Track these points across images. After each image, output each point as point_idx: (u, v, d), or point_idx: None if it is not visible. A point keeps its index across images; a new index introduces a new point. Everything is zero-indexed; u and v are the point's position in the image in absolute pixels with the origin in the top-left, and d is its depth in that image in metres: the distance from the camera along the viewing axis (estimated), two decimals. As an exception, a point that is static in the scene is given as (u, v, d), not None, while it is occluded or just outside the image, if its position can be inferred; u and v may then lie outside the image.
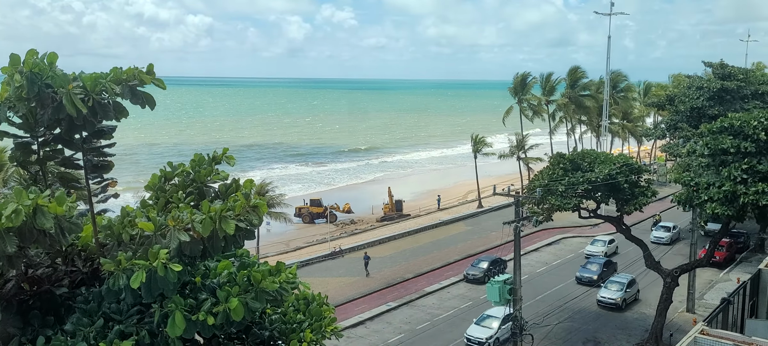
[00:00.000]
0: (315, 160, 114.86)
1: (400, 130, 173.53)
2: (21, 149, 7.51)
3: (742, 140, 26.83)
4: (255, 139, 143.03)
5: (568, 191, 31.29)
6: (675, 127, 48.60)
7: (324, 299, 9.10)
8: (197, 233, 6.50)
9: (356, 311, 39.44)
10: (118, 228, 7.29)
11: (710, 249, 32.67)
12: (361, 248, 54.31)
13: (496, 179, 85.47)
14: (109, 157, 8.02)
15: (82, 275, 7.50)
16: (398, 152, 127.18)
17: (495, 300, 30.56)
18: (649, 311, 37.21)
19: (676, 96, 49.61)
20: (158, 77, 7.05)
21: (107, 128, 7.46)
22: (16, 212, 5.60)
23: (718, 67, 47.32)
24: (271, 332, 8.06)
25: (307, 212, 66.22)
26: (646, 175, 34.90)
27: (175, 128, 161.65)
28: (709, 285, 43.06)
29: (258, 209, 6.81)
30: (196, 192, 8.02)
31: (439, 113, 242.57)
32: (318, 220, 66.91)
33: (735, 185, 26.20)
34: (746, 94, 46.24)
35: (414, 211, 70.19)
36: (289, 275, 7.27)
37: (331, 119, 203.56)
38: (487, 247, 52.52)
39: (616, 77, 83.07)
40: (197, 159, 8.12)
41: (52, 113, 6.56)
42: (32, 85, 6.37)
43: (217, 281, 7.16)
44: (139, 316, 6.96)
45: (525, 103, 78.89)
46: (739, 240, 50.55)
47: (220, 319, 6.52)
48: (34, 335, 6.83)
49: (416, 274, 47.14)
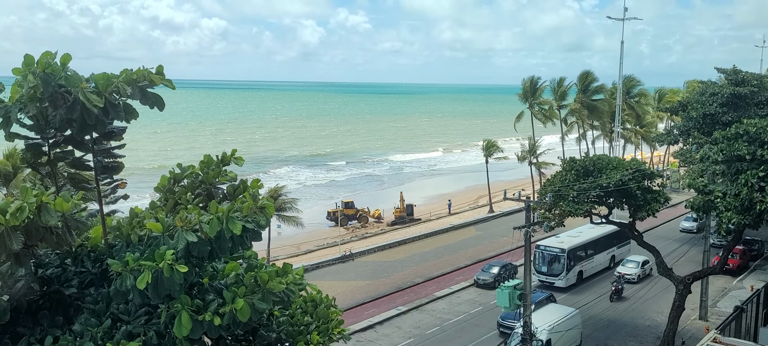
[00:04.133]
0: (326, 165, 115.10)
1: (411, 134, 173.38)
2: (32, 150, 7.57)
3: (758, 147, 26.45)
4: (268, 142, 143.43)
5: (580, 197, 31.10)
6: (688, 133, 48.23)
7: (331, 301, 9.09)
8: (204, 234, 6.52)
9: (366, 315, 39.39)
10: (127, 229, 7.34)
11: (723, 256, 32.34)
12: (372, 251, 54.34)
13: (508, 183, 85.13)
14: (119, 159, 8.08)
15: (91, 275, 7.54)
16: (409, 156, 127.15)
17: (505, 305, 30.40)
18: (661, 319, 36.88)
19: (689, 102, 49.23)
20: (168, 79, 7.10)
21: (117, 130, 7.52)
22: (20, 209, 5.65)
23: (732, 73, 46.90)
24: (278, 334, 8.07)
25: (341, 215, 66.20)
26: (658, 180, 34.65)
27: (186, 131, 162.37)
28: (722, 293, 42.63)
29: (265, 210, 6.83)
30: (204, 193, 8.07)
31: (452, 117, 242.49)
32: (350, 222, 67.53)
33: (751, 193, 25.80)
34: (760, 101, 45.78)
35: (425, 215, 70.12)
36: (296, 276, 7.27)
37: (344, 123, 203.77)
38: (498, 252, 52.34)
39: (629, 82, 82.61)
40: (206, 160, 8.17)
41: (64, 113, 6.61)
42: (46, 85, 6.43)
43: (225, 282, 7.18)
44: (147, 317, 6.98)
45: (536, 108, 78.67)
46: (753, 248, 50.05)
47: (227, 319, 6.54)
48: (43, 335, 6.87)
49: (426, 278, 47.03)
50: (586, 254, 46.28)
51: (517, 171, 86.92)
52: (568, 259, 43.79)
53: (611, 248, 49.23)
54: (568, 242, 44.93)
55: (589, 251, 46.58)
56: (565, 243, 44.39)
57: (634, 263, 45.92)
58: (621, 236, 47.81)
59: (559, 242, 44.57)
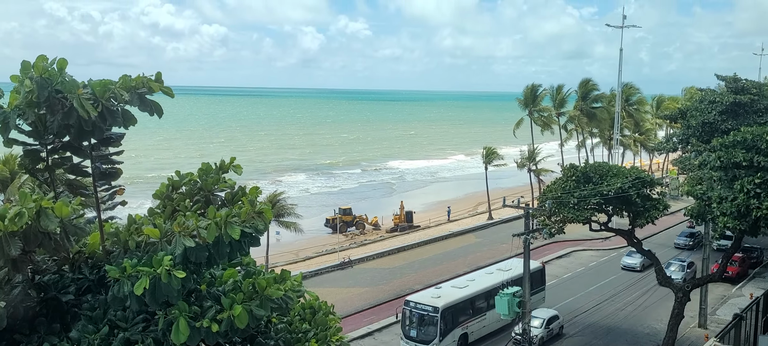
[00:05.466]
0: (333, 173, 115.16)
1: (414, 142, 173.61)
2: (30, 156, 7.55)
3: (755, 154, 26.57)
4: (279, 151, 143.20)
5: (580, 204, 31.13)
6: (687, 142, 48.28)
7: (330, 307, 9.08)
8: (202, 239, 6.51)
9: (365, 322, 39.36)
10: (125, 235, 7.32)
11: (723, 264, 32.36)
12: (371, 258, 54.29)
13: (507, 191, 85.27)
14: (117, 165, 8.07)
15: (88, 282, 7.51)
16: (411, 164, 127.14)
17: (504, 313, 30.41)
18: (660, 326, 36.85)
19: (688, 110, 49.30)
20: (167, 86, 7.10)
21: (115, 136, 7.51)
22: (19, 214, 5.64)
23: (731, 81, 46.96)
24: (276, 341, 8.03)
25: (340, 222, 66.24)
26: (658, 188, 34.66)
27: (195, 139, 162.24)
28: (721, 300, 42.62)
29: (263, 215, 6.82)
30: (203, 200, 8.05)
31: (453, 124, 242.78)
32: (349, 229, 67.64)
33: (748, 199, 25.93)
34: (760, 109, 45.82)
35: (424, 222, 70.11)
36: (295, 283, 7.26)
37: (349, 130, 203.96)
38: (497, 259, 52.26)
39: (628, 90, 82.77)
40: (204, 168, 8.16)
41: (61, 119, 6.61)
42: (42, 90, 6.42)
43: (223, 289, 7.16)
44: (144, 324, 6.96)
45: (536, 115, 78.85)
46: (752, 255, 50.04)
47: (225, 326, 6.52)
48: (39, 342, 6.84)
49: (425, 285, 46.85)
50: (474, 310, 36.30)
51: (516, 178, 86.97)
52: (443, 320, 33.78)
53: None
54: (448, 295, 35.51)
55: (479, 305, 36.61)
56: (443, 298, 34.87)
57: (538, 321, 35.43)
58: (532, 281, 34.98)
59: (435, 297, 35.18)
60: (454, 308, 34.78)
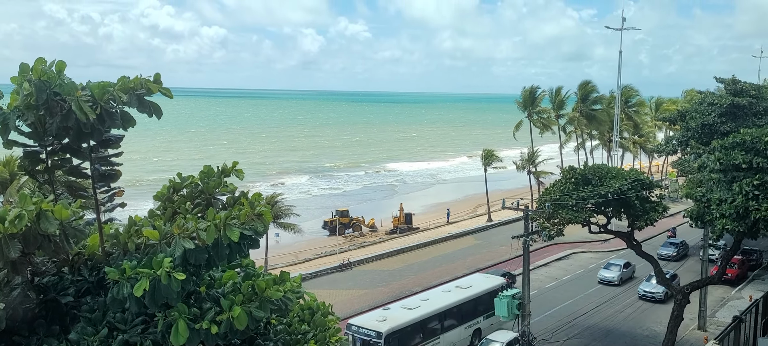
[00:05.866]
0: (329, 173, 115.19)
1: (415, 143, 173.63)
2: (29, 158, 7.56)
3: (754, 156, 26.59)
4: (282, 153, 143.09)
5: (579, 205, 31.14)
6: (686, 144, 48.32)
7: (328, 308, 9.09)
8: (202, 241, 6.52)
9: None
10: (125, 237, 7.33)
11: (722, 266, 32.38)
12: (370, 260, 54.28)
13: (506, 192, 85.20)
14: (116, 167, 8.08)
15: (88, 283, 7.51)
16: (412, 166, 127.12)
17: (503, 315, 30.40)
18: (659, 329, 36.84)
19: (687, 112, 49.34)
20: (166, 87, 7.11)
21: (114, 138, 7.52)
22: (19, 216, 5.64)
23: (730, 83, 47.02)
24: (276, 343, 8.04)
25: (337, 223, 66.23)
26: (657, 190, 34.69)
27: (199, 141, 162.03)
28: (721, 303, 42.61)
29: (262, 217, 6.83)
30: (204, 203, 8.05)
31: (452, 126, 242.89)
32: (347, 230, 67.62)
33: (746, 201, 25.94)
34: (759, 111, 45.88)
35: (423, 224, 70.10)
36: (294, 284, 7.27)
37: (351, 133, 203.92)
38: (496, 261, 52.32)
39: (627, 92, 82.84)
40: (206, 171, 8.16)
41: (60, 121, 6.61)
42: (40, 93, 6.43)
43: (222, 291, 7.17)
44: (143, 325, 6.96)
45: (535, 117, 78.87)
46: (752, 257, 50.04)
47: (224, 328, 6.52)
48: (39, 344, 6.85)
49: (424, 287, 46.84)
50: (426, 333, 32.66)
51: (515, 180, 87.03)
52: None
53: (473, 320, 35.46)
54: (395, 318, 31.64)
55: (432, 327, 33.16)
56: (389, 321, 31.10)
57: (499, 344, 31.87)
58: (490, 301, 33.40)
59: (380, 320, 31.44)
60: (402, 332, 30.99)
